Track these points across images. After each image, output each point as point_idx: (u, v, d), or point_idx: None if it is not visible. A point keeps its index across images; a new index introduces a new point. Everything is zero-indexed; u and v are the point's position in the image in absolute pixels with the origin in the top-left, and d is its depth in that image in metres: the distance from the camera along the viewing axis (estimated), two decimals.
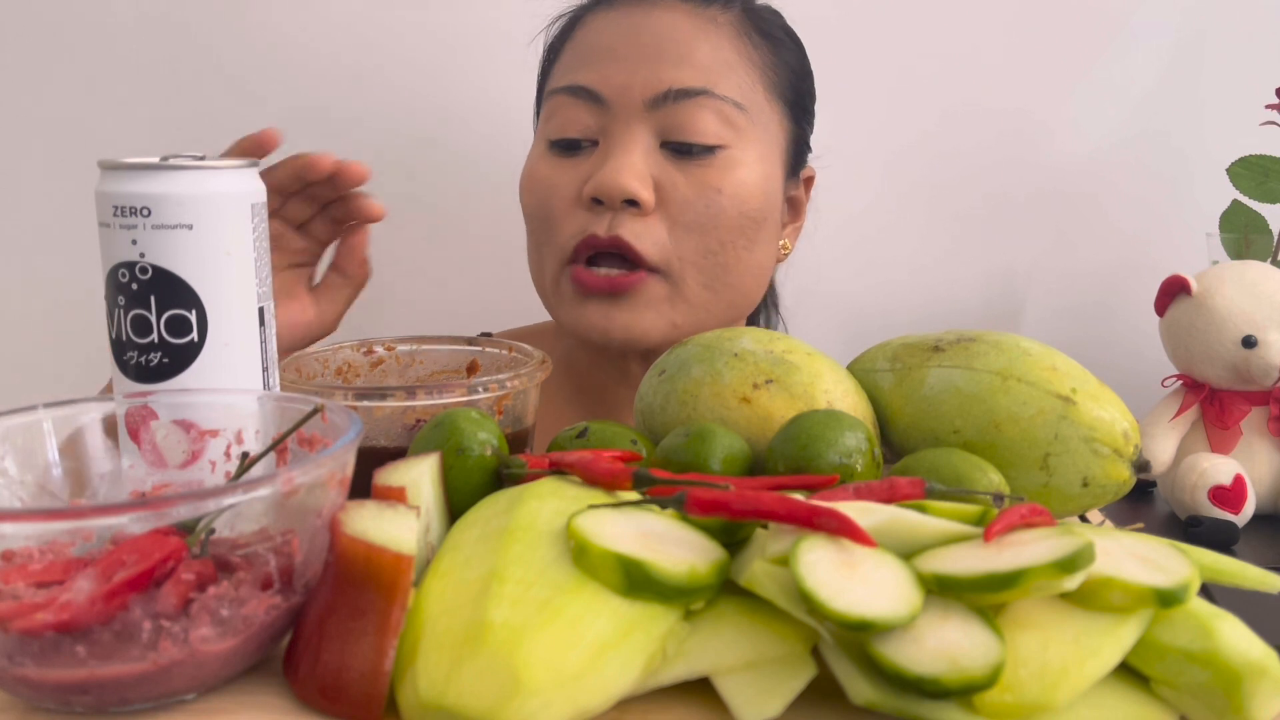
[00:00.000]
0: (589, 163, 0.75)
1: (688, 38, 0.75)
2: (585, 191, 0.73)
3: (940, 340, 0.56)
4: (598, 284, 0.73)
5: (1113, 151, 1.08)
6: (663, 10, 0.76)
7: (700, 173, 0.74)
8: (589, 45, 0.77)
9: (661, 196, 0.73)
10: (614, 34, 0.76)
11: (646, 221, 0.73)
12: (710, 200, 0.73)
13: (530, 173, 0.78)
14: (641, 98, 0.73)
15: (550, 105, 0.77)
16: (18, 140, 1.07)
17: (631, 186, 0.71)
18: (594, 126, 0.75)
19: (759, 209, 0.76)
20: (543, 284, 0.79)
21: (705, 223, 0.74)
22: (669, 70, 0.73)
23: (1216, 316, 0.79)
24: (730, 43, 0.76)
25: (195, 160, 0.48)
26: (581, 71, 0.76)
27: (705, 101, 0.73)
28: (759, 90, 0.77)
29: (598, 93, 0.74)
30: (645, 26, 0.75)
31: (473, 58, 1.06)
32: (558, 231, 0.75)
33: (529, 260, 0.81)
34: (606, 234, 0.72)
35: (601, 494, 0.44)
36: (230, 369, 0.49)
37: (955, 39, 1.07)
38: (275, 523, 0.40)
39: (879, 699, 0.34)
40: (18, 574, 0.37)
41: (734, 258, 0.75)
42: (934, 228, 1.10)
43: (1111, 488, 0.52)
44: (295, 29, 1.05)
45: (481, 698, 0.33)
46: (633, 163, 0.72)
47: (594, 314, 0.74)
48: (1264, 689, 0.34)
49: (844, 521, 0.37)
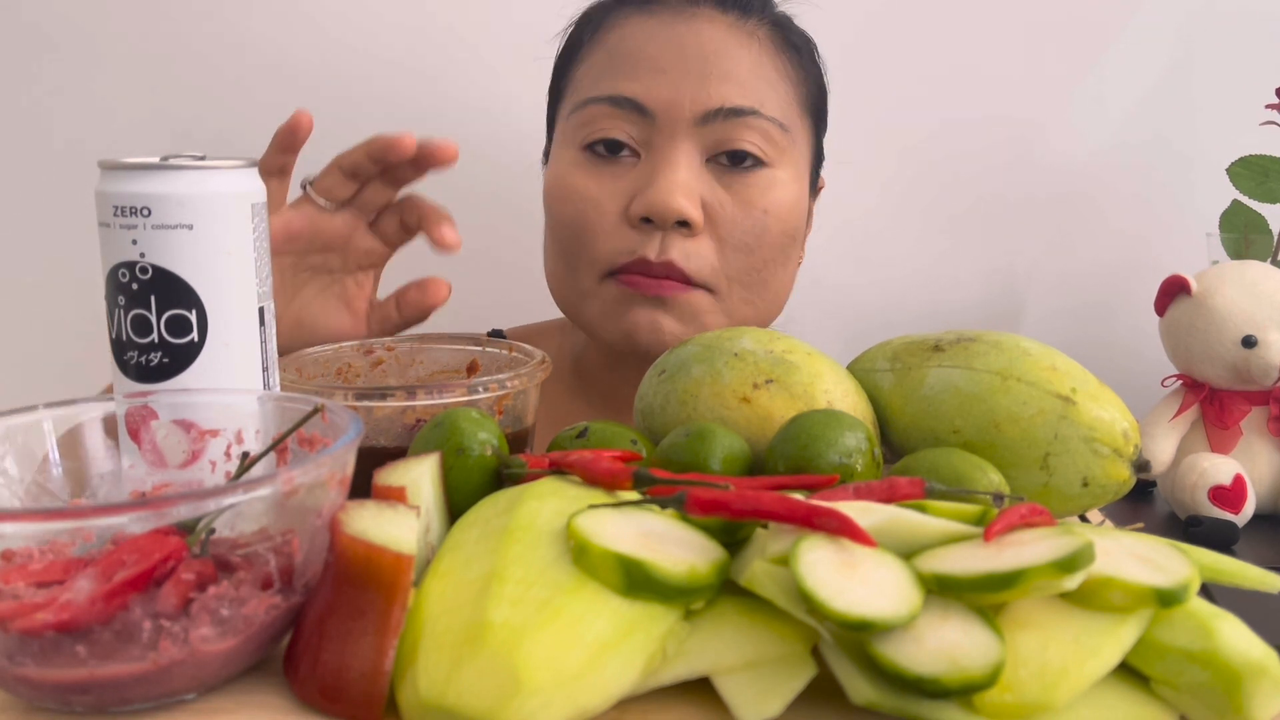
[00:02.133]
0: (630, 176, 0.73)
1: (733, 52, 0.74)
2: (634, 210, 0.72)
3: (940, 340, 0.56)
4: (648, 286, 0.72)
5: (1113, 152, 1.08)
6: (704, 22, 0.74)
7: (745, 192, 0.73)
8: (625, 52, 0.75)
9: (709, 216, 0.73)
10: (655, 44, 0.74)
11: (695, 241, 0.72)
12: (756, 220, 0.73)
13: (564, 181, 0.75)
14: (691, 113, 0.72)
15: (587, 113, 0.75)
16: (18, 140, 1.07)
17: (684, 206, 0.70)
18: (637, 138, 0.74)
19: (797, 226, 0.76)
20: (568, 291, 0.77)
21: (751, 242, 0.74)
22: (718, 86, 0.72)
23: (1216, 316, 0.79)
24: (769, 59, 0.75)
25: (195, 160, 0.48)
26: (622, 81, 0.74)
27: (753, 121, 0.73)
28: (795, 108, 0.77)
29: (643, 104, 0.73)
30: (689, 39, 0.74)
31: (478, 57, 1.06)
32: (598, 245, 0.74)
33: (548, 264, 0.79)
34: (658, 258, 0.71)
35: (601, 494, 0.44)
36: (230, 369, 0.49)
37: (955, 39, 1.07)
38: (275, 523, 0.40)
39: (879, 699, 0.34)
40: (18, 574, 0.37)
41: (772, 274, 0.76)
42: (934, 228, 1.10)
43: (1111, 488, 0.52)
44: (296, 28, 1.05)
45: (481, 698, 0.33)
46: (683, 181, 0.71)
47: (642, 317, 0.73)
48: (1264, 689, 0.34)
49: (844, 521, 0.37)
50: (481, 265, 1.06)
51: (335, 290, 0.70)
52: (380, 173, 0.67)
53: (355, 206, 0.68)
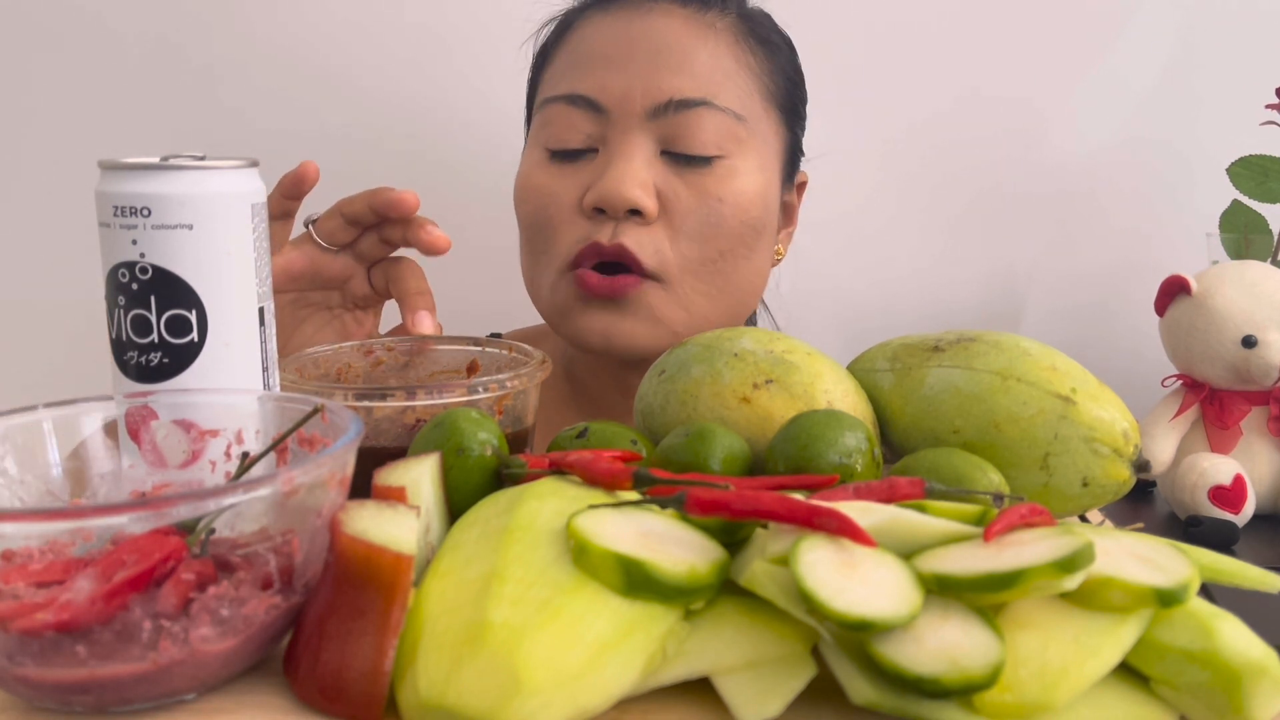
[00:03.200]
0: (588, 170, 0.74)
1: (687, 45, 0.74)
2: (587, 201, 0.73)
3: (940, 340, 0.56)
4: (600, 286, 0.72)
5: (1113, 151, 1.08)
6: (660, 15, 0.75)
7: (701, 181, 0.73)
8: (584, 51, 0.76)
9: (664, 205, 0.73)
10: (610, 40, 0.75)
11: (649, 230, 0.73)
12: (712, 209, 0.73)
13: (526, 181, 0.77)
14: (642, 106, 0.73)
15: (546, 113, 0.76)
16: (18, 140, 1.07)
17: (635, 195, 0.71)
18: (593, 134, 0.74)
19: (758, 217, 0.76)
20: (539, 291, 0.78)
21: (706, 231, 0.73)
22: (669, 79, 0.73)
23: (1216, 316, 0.79)
24: (729, 50, 0.75)
25: (195, 160, 0.48)
26: (578, 79, 0.75)
27: (706, 112, 0.73)
28: (756, 99, 0.76)
29: (596, 101, 0.73)
30: (643, 32, 0.74)
31: (469, 59, 1.06)
32: (557, 239, 0.75)
33: (523, 267, 0.80)
34: (610, 242, 0.72)
35: (601, 494, 0.44)
36: (230, 369, 0.49)
37: (955, 39, 1.07)
38: (275, 523, 0.40)
39: (879, 699, 0.34)
40: (18, 574, 0.37)
41: (733, 266, 0.75)
42: (934, 228, 1.10)
43: (1111, 488, 0.52)
44: (295, 31, 1.05)
45: (481, 697, 0.33)
46: (635, 171, 0.72)
47: (596, 320, 0.74)
48: (1264, 689, 0.34)
49: (844, 521, 0.37)
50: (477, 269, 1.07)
51: (335, 326, 0.71)
52: (379, 225, 0.68)
53: (354, 253, 0.69)
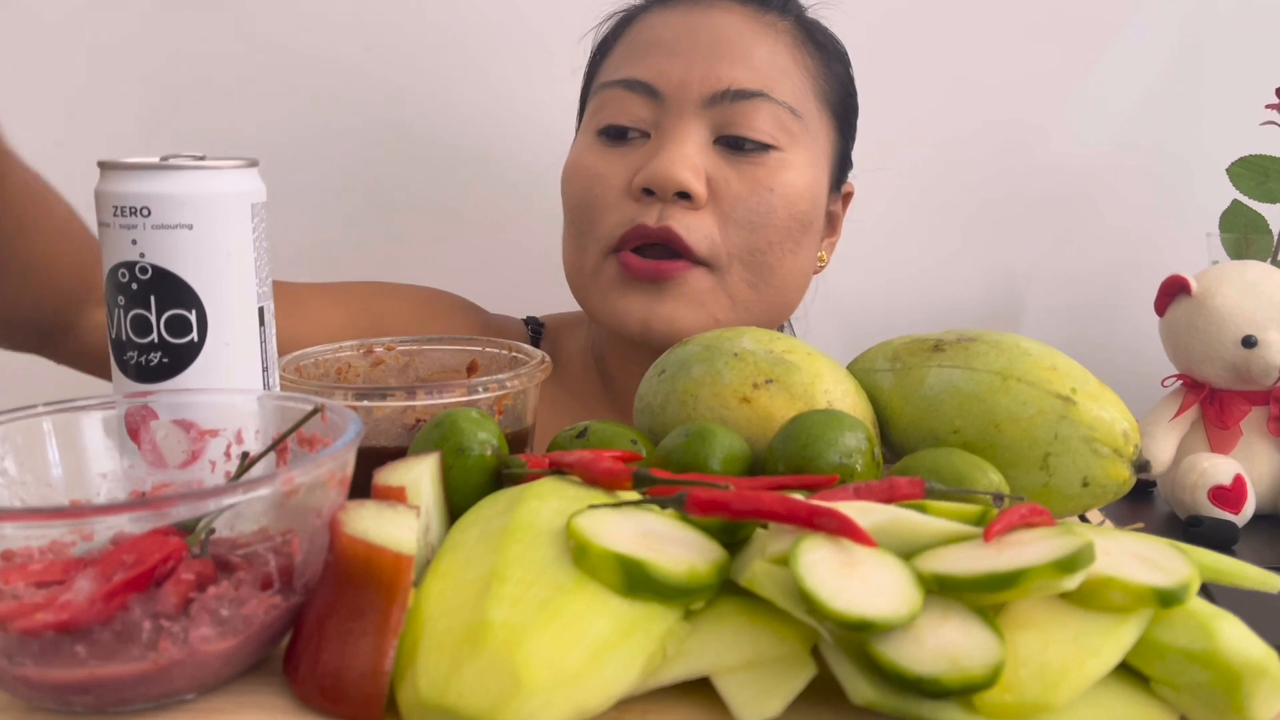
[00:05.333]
0: (639, 154, 0.74)
1: (746, 39, 0.74)
2: (636, 182, 0.73)
3: (940, 340, 0.56)
4: (644, 268, 0.72)
5: (1113, 152, 1.08)
6: (720, 11, 0.76)
7: (753, 171, 0.73)
8: (643, 41, 0.77)
9: (714, 191, 0.73)
10: (670, 31, 0.75)
11: (697, 215, 0.73)
12: (762, 198, 0.73)
13: (576, 162, 0.77)
14: (699, 94, 0.73)
15: (601, 97, 0.77)
16: (18, 140, 1.06)
17: (684, 177, 0.71)
18: (647, 119, 0.75)
19: (806, 213, 0.76)
20: (580, 274, 0.78)
21: (755, 220, 0.73)
22: (727, 69, 0.73)
23: (1216, 316, 0.79)
24: (786, 49, 0.76)
25: (195, 160, 0.48)
26: (636, 65, 0.75)
27: (761, 104, 0.73)
28: (811, 99, 0.77)
29: (653, 86, 0.74)
30: (704, 25, 0.75)
31: (470, 58, 1.06)
32: (602, 220, 0.75)
33: (565, 250, 0.80)
34: (656, 224, 0.72)
35: (601, 494, 0.44)
36: (230, 369, 0.49)
37: (955, 40, 1.07)
38: (275, 523, 0.40)
39: (879, 699, 0.34)
40: (18, 574, 0.37)
41: (778, 259, 0.75)
42: (935, 228, 1.10)
43: (1111, 488, 0.52)
44: (299, 26, 1.05)
45: (482, 698, 0.33)
46: (687, 154, 0.72)
47: (636, 304, 0.74)
48: (1264, 689, 0.34)
49: (844, 521, 0.37)
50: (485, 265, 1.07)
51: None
52: None
53: None
